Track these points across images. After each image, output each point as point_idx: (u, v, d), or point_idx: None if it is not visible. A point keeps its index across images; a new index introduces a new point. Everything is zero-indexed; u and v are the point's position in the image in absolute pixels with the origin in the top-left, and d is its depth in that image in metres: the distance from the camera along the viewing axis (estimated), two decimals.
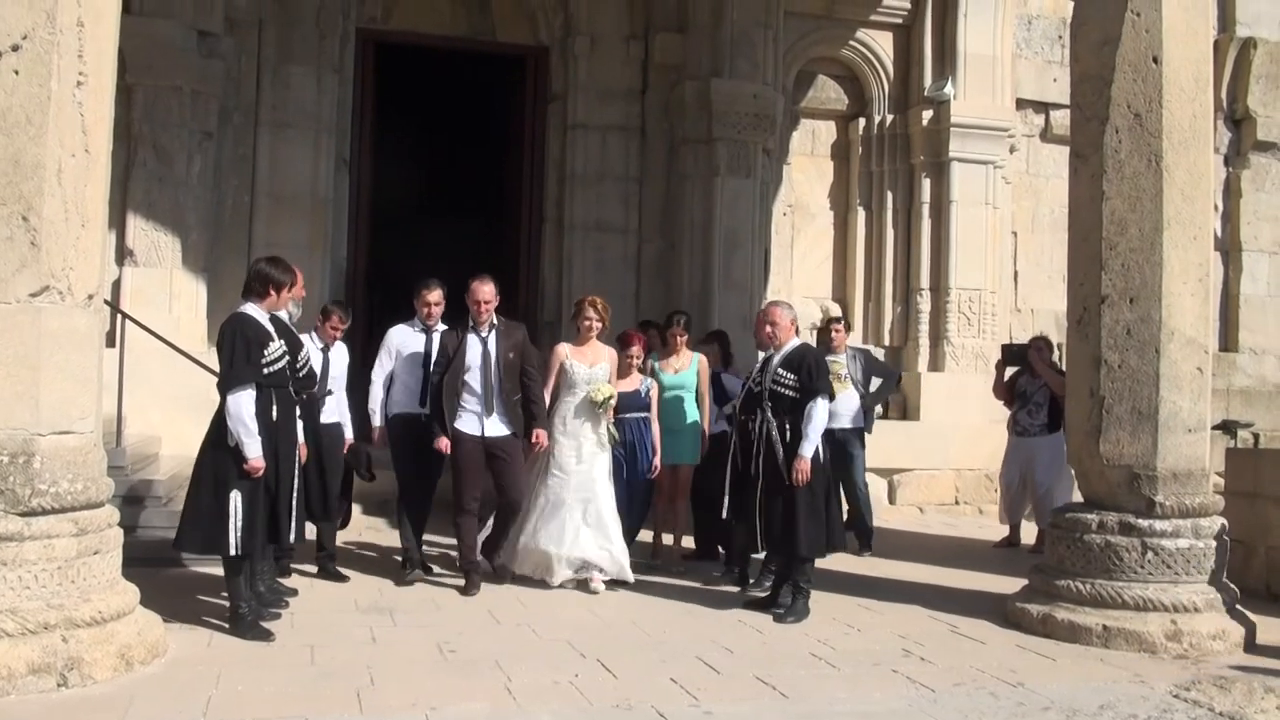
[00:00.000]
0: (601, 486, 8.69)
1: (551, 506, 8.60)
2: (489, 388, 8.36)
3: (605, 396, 8.69)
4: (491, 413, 8.38)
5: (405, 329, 8.93)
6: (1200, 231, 7.54)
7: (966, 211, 13.53)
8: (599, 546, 8.54)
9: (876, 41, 13.88)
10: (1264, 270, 15.44)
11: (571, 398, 8.79)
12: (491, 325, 8.50)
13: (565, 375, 8.85)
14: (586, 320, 8.93)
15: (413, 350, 8.81)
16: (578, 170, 13.15)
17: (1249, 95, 15.25)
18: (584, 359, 8.86)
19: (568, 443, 8.72)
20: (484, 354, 8.39)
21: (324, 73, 12.28)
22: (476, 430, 8.36)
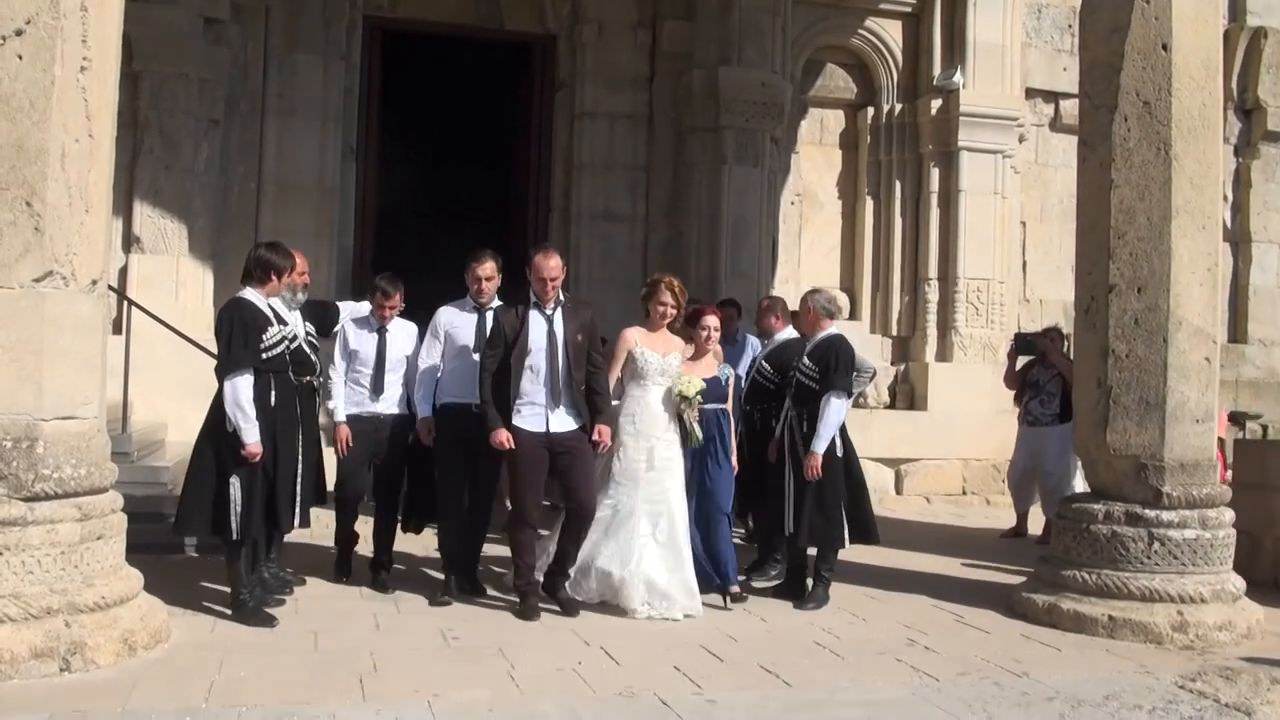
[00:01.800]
0: (676, 498, 7.56)
1: (616, 519, 7.46)
2: (556, 374, 7.29)
3: (696, 390, 7.59)
4: (558, 404, 7.30)
5: (454, 309, 7.91)
6: (1209, 221, 7.50)
7: (975, 201, 13.49)
8: (669, 570, 7.35)
9: (885, 30, 13.83)
10: (1274, 261, 15.40)
11: (641, 391, 7.65)
12: (558, 302, 7.44)
13: (634, 365, 7.68)
14: (661, 306, 7.74)
15: (463, 332, 7.77)
16: (585, 159, 13.13)
17: (1259, 85, 15.20)
18: (657, 347, 7.72)
19: (637, 444, 7.57)
20: (549, 334, 7.31)
21: (330, 61, 12.27)
22: (540, 425, 7.25)
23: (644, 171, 13.27)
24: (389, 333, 8.03)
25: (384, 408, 7.95)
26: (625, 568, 7.30)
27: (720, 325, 8.23)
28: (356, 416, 7.92)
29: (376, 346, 7.98)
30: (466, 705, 5.35)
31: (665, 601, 7.25)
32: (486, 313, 7.71)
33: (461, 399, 7.58)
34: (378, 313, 8.02)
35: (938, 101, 13.53)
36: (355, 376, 7.98)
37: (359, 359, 7.99)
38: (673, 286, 7.80)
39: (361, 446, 7.91)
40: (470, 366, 7.56)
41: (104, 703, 5.19)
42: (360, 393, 7.97)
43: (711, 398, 7.80)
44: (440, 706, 5.30)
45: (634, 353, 7.69)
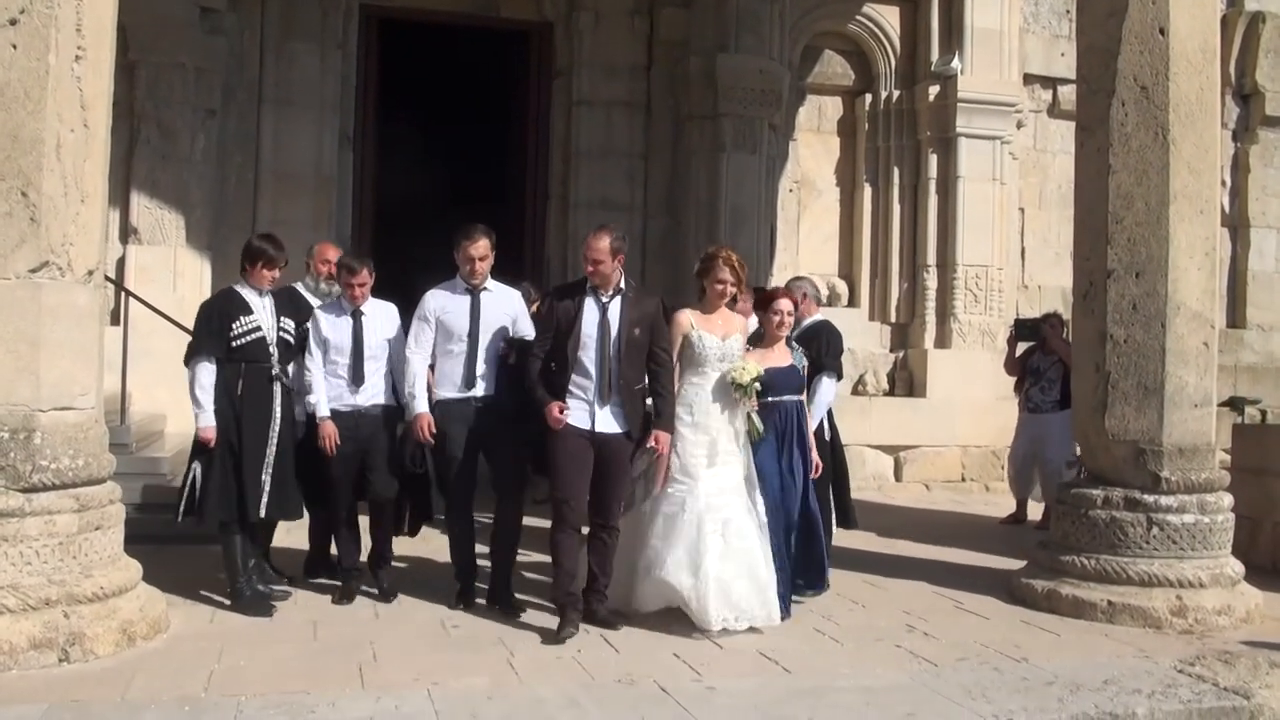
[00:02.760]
0: (740, 498, 6.83)
1: (678, 524, 6.69)
2: (606, 370, 6.62)
3: (752, 378, 6.85)
4: (606, 403, 6.65)
5: (443, 292, 7.20)
6: (1207, 205, 7.49)
7: (973, 188, 13.46)
8: (739, 578, 6.60)
9: (883, 16, 13.79)
10: (1272, 246, 15.39)
11: (700, 379, 6.90)
12: (618, 290, 6.76)
13: (690, 351, 6.93)
14: (720, 282, 6.97)
15: (456, 317, 7.07)
16: (582, 147, 13.10)
17: (1258, 70, 15.17)
18: (714, 329, 6.96)
19: (695, 439, 6.84)
20: (602, 325, 6.65)
21: (327, 49, 12.23)
22: (585, 423, 6.63)
23: (642, 160, 13.24)
24: (364, 316, 7.34)
25: (365, 399, 7.28)
26: (696, 575, 6.54)
27: (796, 306, 7.60)
28: (334, 411, 7.22)
29: (351, 332, 7.28)
30: (466, 693, 5.36)
31: (739, 612, 6.55)
32: (481, 294, 7.10)
33: (456, 393, 7.02)
34: (347, 294, 7.33)
35: (936, 88, 13.50)
36: (331, 367, 7.27)
37: (333, 348, 7.27)
38: (730, 260, 7.01)
39: (342, 443, 7.20)
40: (461, 358, 7.02)
41: (103, 693, 5.20)
42: (338, 385, 7.26)
43: (787, 388, 7.22)
44: (439, 694, 5.31)
45: (690, 337, 6.94)
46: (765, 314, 7.33)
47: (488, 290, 7.16)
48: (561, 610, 6.61)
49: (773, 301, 7.38)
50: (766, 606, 6.63)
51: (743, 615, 6.55)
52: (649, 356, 6.77)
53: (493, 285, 7.21)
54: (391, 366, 7.36)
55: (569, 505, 6.67)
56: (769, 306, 7.34)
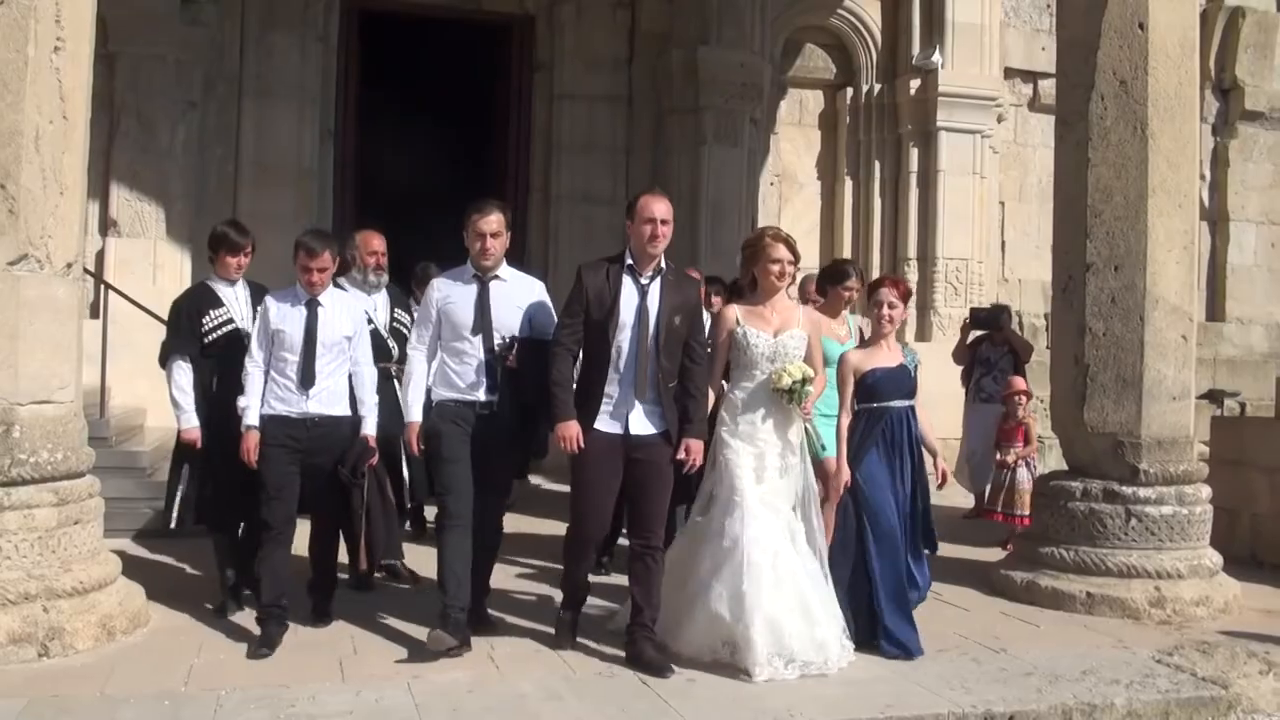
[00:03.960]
0: (798, 520, 5.98)
1: (720, 551, 5.82)
2: (642, 362, 5.76)
3: (795, 381, 5.90)
4: (641, 401, 5.79)
5: (448, 280, 6.30)
6: (1185, 199, 7.53)
7: (954, 181, 13.48)
8: (791, 613, 5.69)
9: (864, 10, 13.78)
10: (1251, 240, 15.46)
11: (749, 383, 6.03)
12: (658, 270, 5.89)
13: (736, 351, 6.07)
14: (775, 264, 6.08)
15: (461, 309, 6.13)
16: (564, 140, 13.08)
17: (1237, 64, 15.23)
18: (765, 324, 6.05)
19: (744, 450, 5.94)
20: (640, 310, 5.79)
21: (308, 41, 12.18)
22: (617, 426, 5.79)
23: (624, 153, 13.23)
24: (321, 307, 6.33)
25: (316, 406, 6.24)
26: (737, 614, 5.65)
27: (904, 297, 6.66)
28: (279, 418, 6.19)
29: (305, 324, 6.26)
30: (446, 686, 5.37)
31: (787, 656, 5.61)
32: (490, 283, 6.16)
33: (460, 395, 6.09)
34: (304, 279, 6.29)
35: (917, 82, 13.51)
36: (280, 366, 6.25)
37: (283, 342, 6.25)
38: (780, 235, 6.16)
39: (285, 458, 6.20)
40: (471, 354, 6.08)
41: (83, 688, 5.19)
42: (285, 387, 6.24)
43: (896, 392, 6.42)
44: (420, 688, 5.32)
45: (735, 334, 6.05)
46: (871, 302, 6.58)
47: (500, 279, 6.20)
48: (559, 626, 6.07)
49: (875, 291, 6.56)
50: (822, 650, 5.68)
51: (792, 659, 5.61)
52: (684, 350, 5.90)
53: (507, 272, 6.27)
54: (353, 370, 6.44)
55: (589, 526, 5.97)
56: (870, 298, 6.59)
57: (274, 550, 6.16)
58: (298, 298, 6.33)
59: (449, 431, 6.07)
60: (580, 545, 6.04)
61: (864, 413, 6.41)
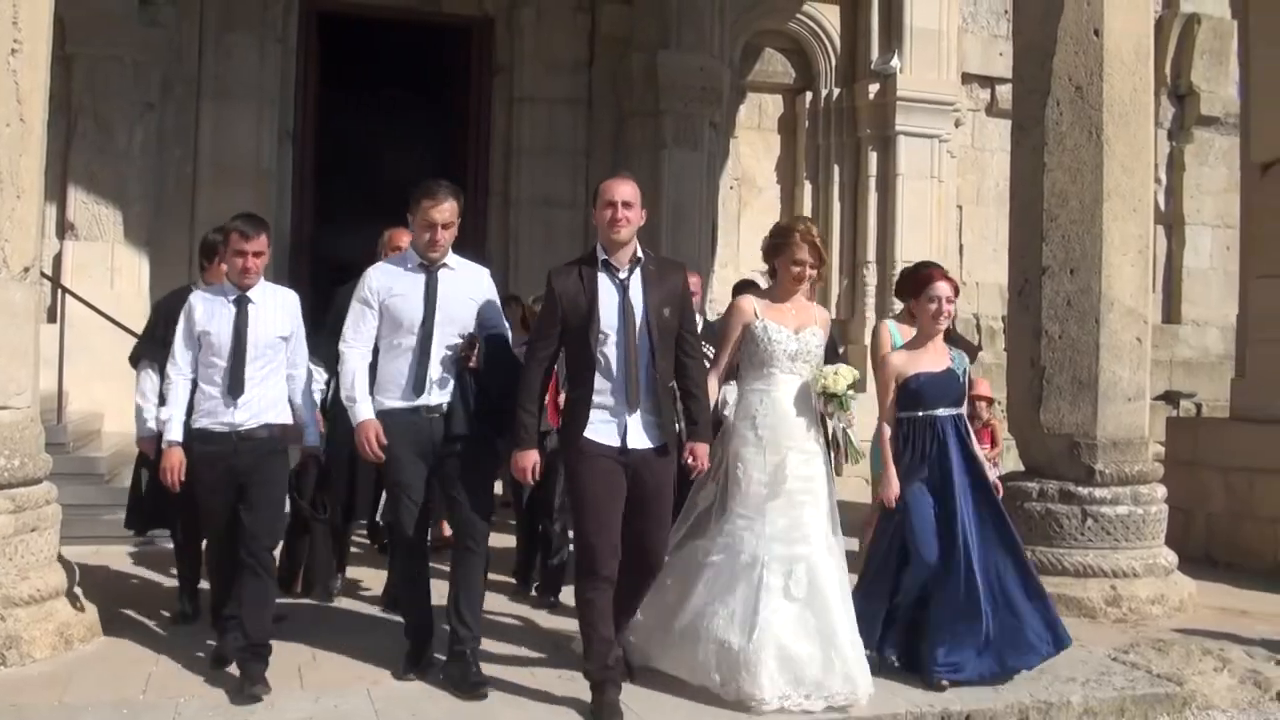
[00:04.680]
0: (820, 536, 5.43)
1: (734, 568, 5.39)
2: (632, 367, 5.17)
3: (848, 385, 5.51)
4: (635, 408, 5.20)
5: (390, 268, 5.64)
6: (1140, 204, 7.61)
7: (912, 185, 13.57)
8: (811, 639, 5.25)
9: (823, 14, 13.85)
10: (1206, 243, 15.63)
11: (765, 384, 5.55)
12: (636, 260, 5.32)
13: (753, 346, 5.59)
14: (797, 265, 5.62)
15: (407, 302, 5.47)
16: (524, 143, 13.08)
17: (1193, 70, 15.40)
18: (786, 320, 5.60)
19: (761, 459, 5.47)
20: (624, 309, 5.21)
21: (267, 42, 12.14)
22: (613, 438, 5.19)
23: (584, 156, 13.23)
24: (253, 304, 5.62)
25: (247, 417, 5.54)
26: (748, 637, 5.19)
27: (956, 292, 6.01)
28: (205, 432, 5.53)
29: (234, 324, 5.55)
30: (405, 692, 5.36)
31: (806, 686, 5.17)
32: (438, 273, 5.51)
33: (402, 402, 5.46)
34: (236, 265, 5.59)
35: (875, 86, 13.58)
36: (205, 372, 5.55)
37: (210, 345, 5.56)
38: (810, 235, 5.64)
39: (211, 476, 5.57)
40: (417, 353, 5.44)
41: (40, 696, 5.16)
42: (211, 396, 5.55)
43: (943, 399, 5.83)
44: (379, 693, 5.31)
45: (753, 328, 5.57)
46: (916, 302, 6.02)
47: (448, 268, 5.56)
48: (599, 688, 5.14)
49: (926, 286, 5.90)
50: (849, 680, 5.21)
51: (812, 689, 5.17)
52: (677, 343, 5.35)
53: (455, 261, 5.63)
54: (289, 374, 5.78)
55: (600, 552, 5.15)
56: (920, 293, 5.94)
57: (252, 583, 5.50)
58: (226, 294, 5.63)
59: (401, 455, 5.45)
60: (593, 582, 5.16)
61: (907, 422, 5.83)
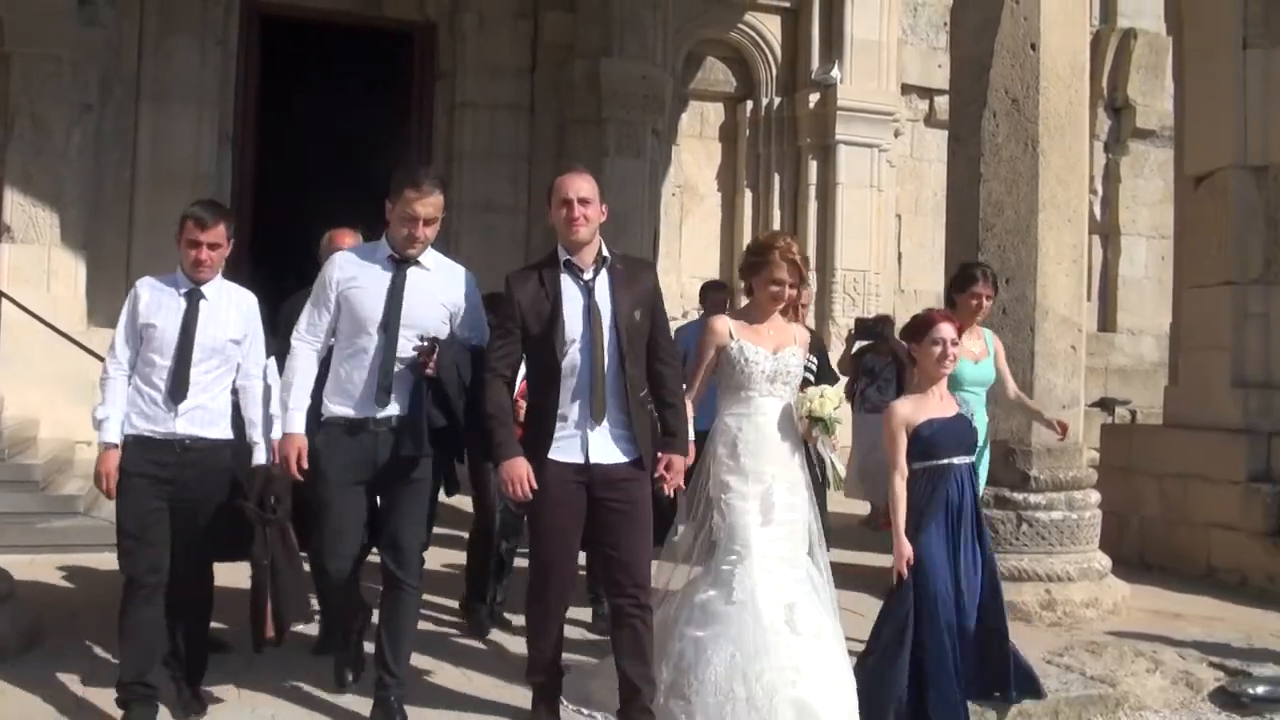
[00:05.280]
0: (813, 563, 5.23)
1: (725, 608, 4.99)
2: (598, 375, 4.79)
3: (833, 410, 5.23)
4: (601, 419, 4.81)
5: (356, 257, 5.11)
6: (1075, 215, 7.74)
7: (852, 194, 13.72)
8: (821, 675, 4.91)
9: (765, 25, 14.00)
10: (1141, 254, 15.88)
11: (744, 407, 5.24)
12: (601, 260, 4.93)
13: (730, 368, 5.25)
14: (775, 283, 5.26)
15: (368, 296, 4.96)
16: (466, 148, 13.09)
17: (1129, 84, 15.66)
18: (763, 340, 5.28)
19: (744, 488, 5.14)
20: (589, 313, 4.82)
21: (207, 44, 12.06)
22: (574, 454, 4.81)
23: (526, 162, 13.25)
24: (205, 299, 5.08)
25: (188, 425, 4.97)
26: (754, 682, 4.78)
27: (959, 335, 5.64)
28: (141, 439, 4.96)
29: (182, 319, 5.01)
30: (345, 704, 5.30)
31: None
32: (408, 270, 4.98)
33: (353, 412, 4.94)
34: (189, 257, 5.04)
35: (816, 96, 13.74)
36: (146, 371, 4.99)
37: (153, 340, 5.00)
38: (790, 253, 5.24)
39: (149, 491, 4.94)
40: (378, 357, 4.91)
41: None
42: (150, 399, 4.98)
43: (956, 447, 5.47)
44: None
45: (729, 350, 5.23)
46: (919, 345, 5.50)
47: (422, 266, 5.02)
48: (535, 703, 5.00)
49: (929, 329, 5.47)
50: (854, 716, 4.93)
51: None
52: (649, 349, 4.96)
53: (433, 260, 5.09)
54: (241, 384, 5.20)
55: (554, 578, 4.89)
56: (922, 336, 5.49)
57: (138, 611, 4.91)
58: (178, 286, 5.08)
59: (337, 482, 4.95)
60: (544, 610, 4.92)
61: (921, 473, 5.43)
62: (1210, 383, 9.11)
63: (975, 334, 6.57)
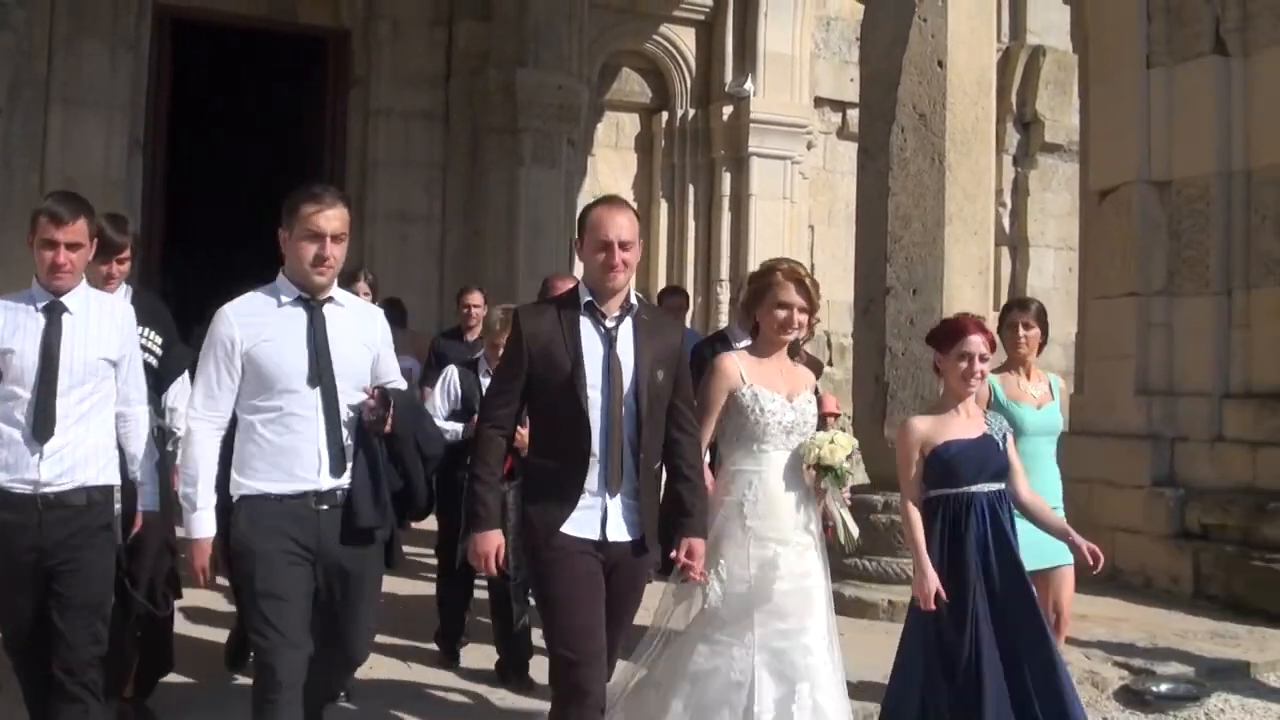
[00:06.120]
0: (821, 642, 4.56)
1: (717, 685, 4.43)
2: (615, 438, 4.14)
3: (845, 458, 4.58)
4: (616, 491, 4.16)
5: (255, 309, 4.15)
6: (981, 227, 7.92)
7: (765, 205, 13.86)
8: None
9: (679, 37, 14.10)
10: (1050, 265, 16.16)
11: (756, 463, 4.58)
12: (628, 307, 4.26)
13: (740, 417, 4.59)
14: (781, 309, 4.62)
15: (282, 348, 4.07)
16: (380, 157, 13.03)
17: (1038, 100, 15.91)
18: (776, 384, 4.64)
19: (741, 555, 4.52)
20: (609, 365, 4.16)
21: (119, 49, 11.89)
22: (592, 528, 4.14)
23: (441, 171, 13.24)
24: (69, 313, 4.25)
25: (55, 473, 4.14)
26: None
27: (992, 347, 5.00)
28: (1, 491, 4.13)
29: (42, 340, 4.17)
30: None
31: None
32: (324, 310, 4.14)
33: (287, 486, 4.03)
34: (45, 261, 4.23)
35: (730, 108, 13.86)
36: (6, 408, 4.16)
37: (10, 371, 4.17)
38: (796, 273, 4.67)
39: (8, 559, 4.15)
40: (303, 419, 4.04)
41: None
42: (11, 440, 4.15)
43: (980, 473, 4.80)
44: None
45: (739, 396, 4.57)
46: (945, 357, 4.91)
47: (336, 303, 4.22)
48: None
49: (958, 340, 4.85)
50: None
51: None
52: (668, 415, 4.31)
53: (341, 296, 4.30)
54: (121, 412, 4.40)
55: (587, 670, 4.06)
56: (950, 346, 4.89)
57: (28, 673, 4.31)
58: (34, 300, 4.25)
59: (270, 552, 3.98)
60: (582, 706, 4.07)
61: (938, 502, 4.85)
62: (1115, 391, 9.32)
63: (1037, 375, 5.90)
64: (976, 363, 4.78)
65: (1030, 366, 5.75)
